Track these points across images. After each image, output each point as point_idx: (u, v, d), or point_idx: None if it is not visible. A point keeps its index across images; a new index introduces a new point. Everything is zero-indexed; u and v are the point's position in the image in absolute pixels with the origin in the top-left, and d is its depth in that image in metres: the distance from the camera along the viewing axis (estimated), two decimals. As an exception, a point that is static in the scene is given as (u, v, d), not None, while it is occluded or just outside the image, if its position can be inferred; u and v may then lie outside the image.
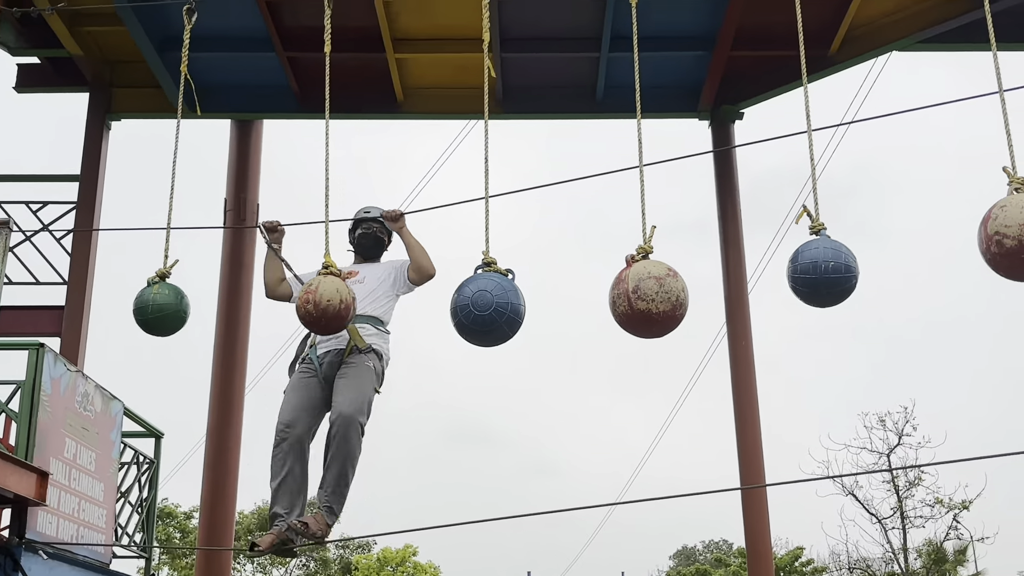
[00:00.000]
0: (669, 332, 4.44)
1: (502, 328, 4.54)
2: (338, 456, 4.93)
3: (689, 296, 4.36)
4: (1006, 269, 4.11)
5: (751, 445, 8.53)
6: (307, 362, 5.24)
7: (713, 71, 8.78)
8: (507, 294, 4.52)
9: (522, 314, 4.58)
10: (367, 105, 9.26)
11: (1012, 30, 8.46)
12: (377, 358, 5.23)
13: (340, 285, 4.58)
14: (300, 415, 5.10)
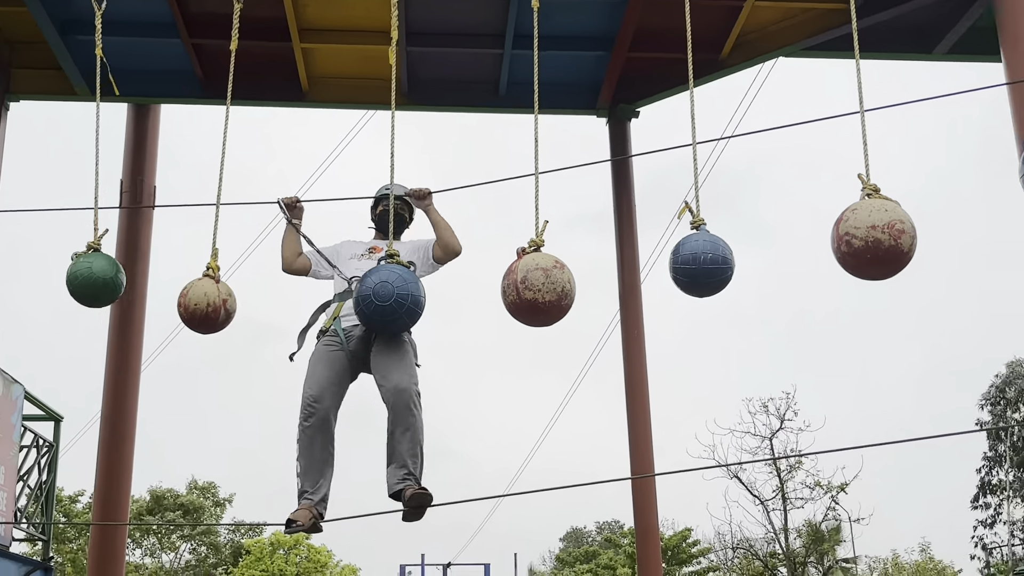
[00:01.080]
0: (556, 321, 4.67)
1: (402, 318, 4.73)
2: (409, 427, 4.83)
3: (576, 287, 4.59)
4: (853, 268, 4.48)
5: (641, 433, 8.92)
6: (332, 335, 5.11)
7: (611, 71, 9.11)
8: (408, 285, 4.69)
9: (422, 305, 4.77)
10: (272, 93, 9.35)
11: (895, 41, 9.01)
12: (407, 332, 5.10)
13: (210, 288, 4.71)
14: (328, 389, 4.98)
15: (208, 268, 5.01)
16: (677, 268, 4.79)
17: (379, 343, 4.99)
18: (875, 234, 4.43)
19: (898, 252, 4.46)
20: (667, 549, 38.00)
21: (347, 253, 5.38)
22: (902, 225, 4.47)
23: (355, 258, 5.32)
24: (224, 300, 4.76)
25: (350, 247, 5.43)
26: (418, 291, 4.72)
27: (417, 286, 4.73)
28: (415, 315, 4.74)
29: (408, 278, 4.72)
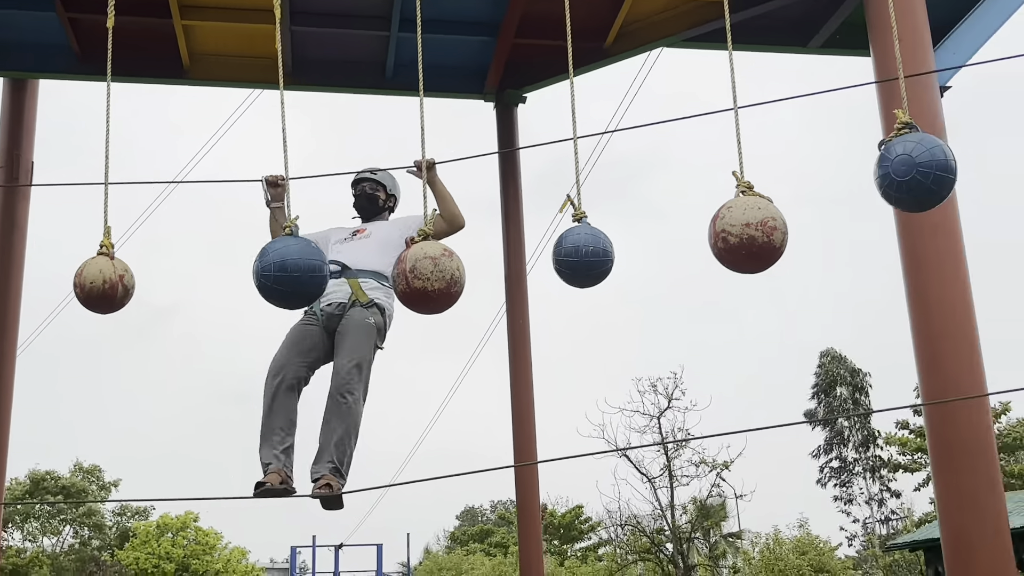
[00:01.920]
0: (446, 308, 4.74)
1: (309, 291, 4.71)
2: (340, 419, 4.84)
3: (466, 274, 4.67)
4: (729, 263, 4.67)
5: (525, 420, 9.07)
6: (311, 314, 5.16)
7: (498, 56, 9.18)
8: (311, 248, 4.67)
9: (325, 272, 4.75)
10: (152, 69, 9.15)
11: (773, 33, 9.28)
12: (379, 312, 5.15)
13: (104, 265, 4.63)
14: (292, 360, 5.00)
15: (101, 246, 4.92)
16: (560, 260, 4.91)
17: (345, 320, 5.06)
18: (749, 231, 4.60)
19: (771, 248, 4.66)
20: (560, 526, 38.62)
21: (333, 239, 5.40)
22: (774, 222, 4.65)
23: (339, 242, 5.35)
24: (121, 276, 4.68)
25: (336, 233, 5.45)
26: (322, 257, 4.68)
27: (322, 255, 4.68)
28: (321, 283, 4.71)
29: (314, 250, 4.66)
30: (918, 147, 4.64)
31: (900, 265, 7.26)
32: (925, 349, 6.99)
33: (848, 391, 33.16)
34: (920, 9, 7.41)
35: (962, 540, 6.55)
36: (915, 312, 7.11)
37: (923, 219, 6.77)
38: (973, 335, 6.97)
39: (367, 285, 5.19)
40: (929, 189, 4.59)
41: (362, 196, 5.52)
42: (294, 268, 4.52)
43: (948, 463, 6.68)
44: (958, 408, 6.67)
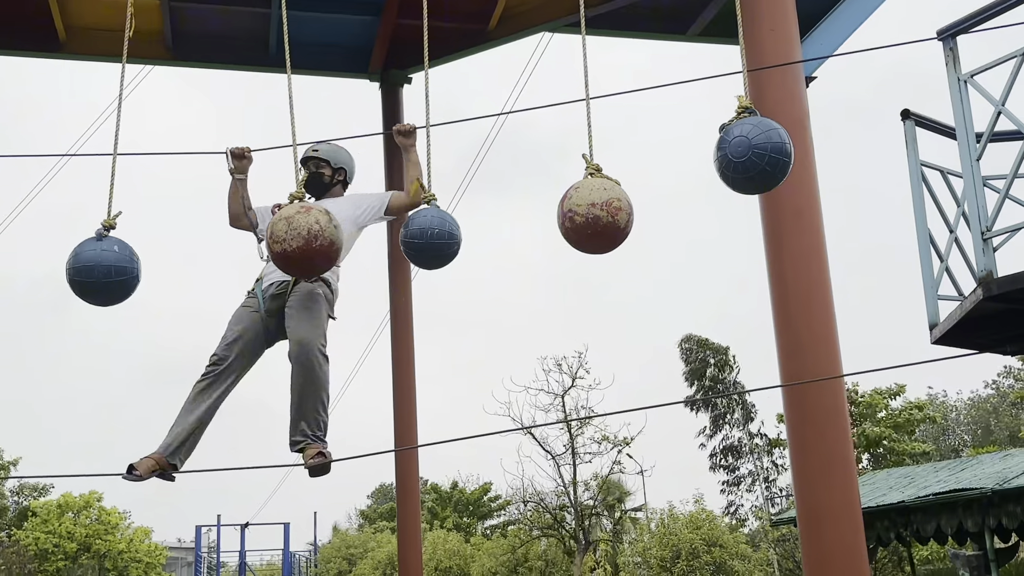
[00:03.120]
0: (314, 266, 4.66)
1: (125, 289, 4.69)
2: (308, 386, 4.74)
3: (331, 227, 4.53)
4: (575, 242, 4.79)
5: (406, 404, 9.17)
6: (252, 296, 5.01)
7: (382, 36, 9.18)
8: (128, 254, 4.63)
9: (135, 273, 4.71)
10: (26, 43, 8.96)
11: (653, 21, 9.44)
12: (326, 285, 4.99)
13: None
14: (232, 351, 4.87)
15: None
16: (406, 242, 4.96)
17: (292, 298, 4.90)
18: (595, 211, 4.72)
19: (615, 228, 4.79)
20: (469, 503, 38.86)
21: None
22: (619, 203, 4.79)
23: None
24: None
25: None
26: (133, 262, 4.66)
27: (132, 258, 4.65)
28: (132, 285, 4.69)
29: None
30: (754, 129, 4.81)
31: (763, 248, 7.49)
32: (784, 330, 7.22)
33: (714, 371, 33.94)
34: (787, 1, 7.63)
35: (815, 516, 6.80)
36: (776, 293, 7.34)
37: (785, 202, 6.98)
38: (830, 317, 7.22)
39: None
40: (764, 170, 4.77)
41: (309, 177, 5.31)
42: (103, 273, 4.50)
43: (803, 442, 6.92)
44: (813, 389, 6.92)
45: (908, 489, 15.30)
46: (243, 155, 5.19)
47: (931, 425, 35.09)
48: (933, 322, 5.63)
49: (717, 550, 21.11)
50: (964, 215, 5.51)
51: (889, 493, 15.48)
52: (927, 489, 14.46)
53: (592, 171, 4.95)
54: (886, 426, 25.85)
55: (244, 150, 5.19)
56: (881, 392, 27.27)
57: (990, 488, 12.56)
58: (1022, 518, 12.45)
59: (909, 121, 5.82)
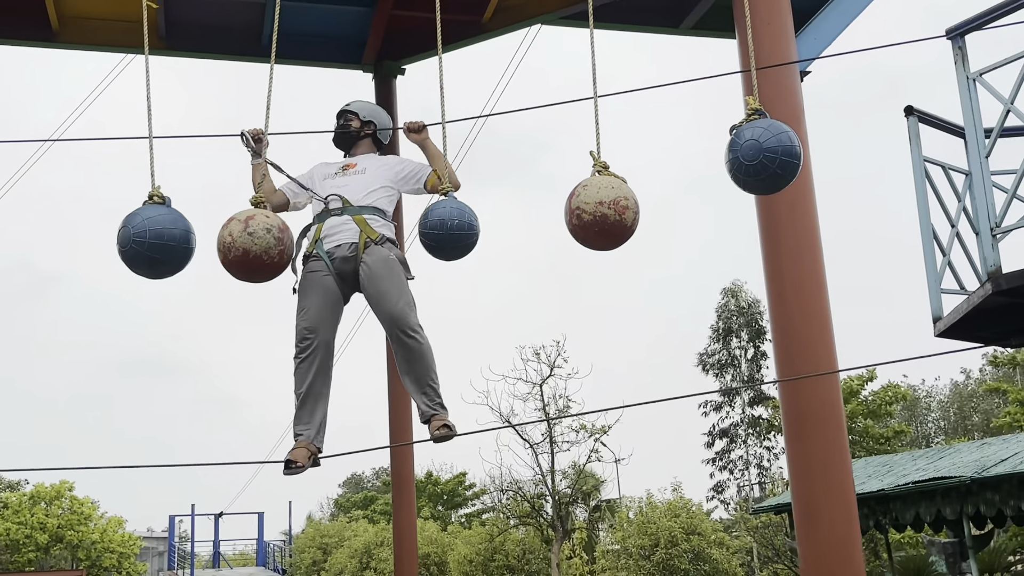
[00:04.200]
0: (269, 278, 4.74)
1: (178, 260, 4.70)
2: (416, 361, 4.75)
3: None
4: (582, 239, 4.86)
5: (400, 398, 9.18)
6: (315, 258, 4.89)
7: (376, 27, 9.19)
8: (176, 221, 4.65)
9: (193, 244, 4.74)
10: (19, 32, 8.90)
11: (645, 14, 9.50)
12: (394, 246, 4.97)
13: None
14: (321, 318, 4.80)
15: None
16: (425, 233, 4.99)
17: (366, 262, 4.85)
18: (602, 209, 4.80)
19: (622, 226, 4.87)
20: (444, 493, 38.95)
21: (320, 175, 5.15)
22: (626, 202, 4.86)
23: (329, 178, 5.11)
24: None
25: (322, 169, 5.20)
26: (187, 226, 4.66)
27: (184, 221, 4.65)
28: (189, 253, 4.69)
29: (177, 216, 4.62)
30: (765, 133, 4.89)
31: (759, 240, 7.59)
32: (780, 324, 7.33)
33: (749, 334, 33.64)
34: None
35: (811, 506, 6.92)
36: (771, 287, 7.45)
37: (781, 196, 7.09)
38: (825, 312, 7.33)
39: (375, 222, 4.99)
40: (775, 173, 4.86)
41: (337, 132, 5.29)
42: (169, 238, 4.52)
43: (799, 433, 7.04)
44: (810, 382, 7.02)
45: (887, 477, 15.51)
46: (260, 137, 5.07)
47: (906, 411, 35.47)
48: (937, 315, 5.73)
49: (696, 538, 21.30)
50: (966, 210, 5.61)
51: (868, 482, 15.68)
52: (906, 477, 14.67)
53: (599, 168, 5.01)
54: (860, 411, 26.13)
55: (259, 132, 5.06)
56: (855, 379, 27.58)
57: (969, 476, 12.77)
58: (999, 506, 12.67)
59: (912, 118, 5.90)
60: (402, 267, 4.94)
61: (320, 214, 4.99)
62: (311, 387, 4.76)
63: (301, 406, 4.77)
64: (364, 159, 5.23)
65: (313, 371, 4.77)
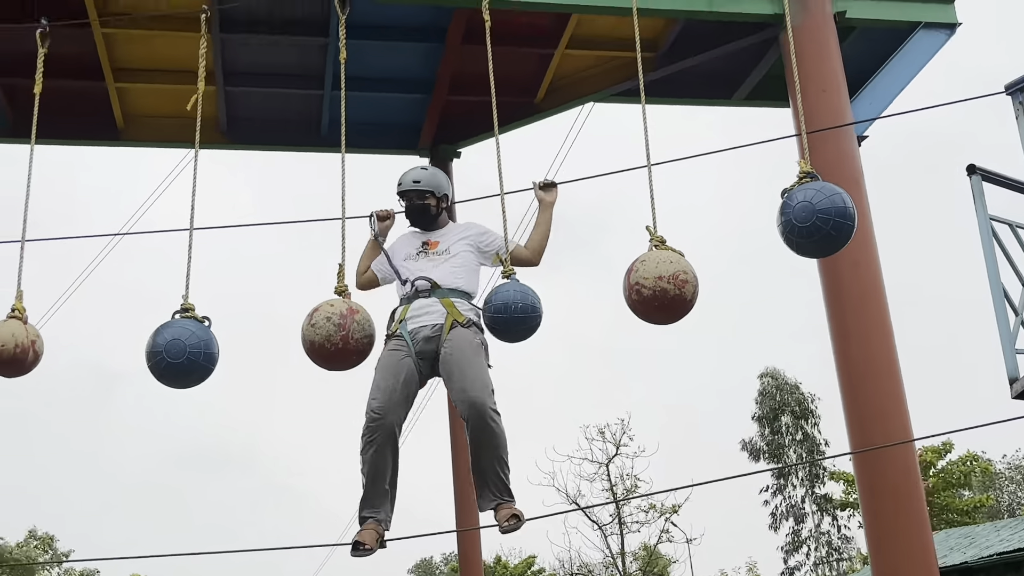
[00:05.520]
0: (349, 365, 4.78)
1: (195, 374, 4.78)
2: (488, 448, 4.69)
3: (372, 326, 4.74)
4: (642, 314, 4.82)
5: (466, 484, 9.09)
6: (397, 338, 4.88)
7: (431, 113, 9.34)
8: (201, 343, 4.74)
9: (215, 361, 4.83)
10: (87, 132, 9.20)
11: (698, 87, 9.54)
12: (480, 331, 4.92)
13: (17, 329, 4.69)
14: (392, 400, 4.75)
15: (14, 310, 4.97)
16: (490, 317, 5.01)
17: (449, 344, 4.82)
18: (662, 284, 4.79)
19: (682, 300, 4.85)
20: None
21: (401, 253, 5.16)
22: (685, 276, 4.84)
23: (411, 258, 5.11)
24: (32, 341, 4.75)
25: (404, 244, 5.20)
26: (211, 348, 4.75)
27: (211, 343, 4.76)
28: (208, 371, 4.79)
29: (202, 335, 4.73)
30: (818, 194, 4.84)
31: (823, 304, 7.46)
32: (849, 392, 7.16)
33: (792, 419, 33.00)
34: (835, 62, 7.69)
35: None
36: (839, 354, 7.30)
37: (844, 258, 6.96)
38: (896, 377, 7.15)
39: (461, 306, 4.98)
40: (828, 235, 4.79)
41: (413, 209, 5.21)
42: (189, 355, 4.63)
43: (876, 506, 6.83)
44: (884, 452, 6.82)
45: (970, 550, 14.99)
46: (389, 215, 5.24)
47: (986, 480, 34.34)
48: (1013, 376, 5.57)
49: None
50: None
51: (950, 554, 15.15)
52: (990, 549, 14.17)
53: (656, 243, 4.99)
54: (938, 485, 25.37)
55: (389, 212, 5.23)
56: (930, 450, 26.83)
57: (1057, 546, 12.30)
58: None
59: (976, 176, 5.81)
60: (484, 352, 4.91)
61: (408, 296, 5.00)
62: (378, 469, 4.70)
63: (368, 488, 4.71)
64: (444, 235, 5.22)
65: (380, 453, 4.71)
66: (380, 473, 4.70)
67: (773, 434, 32.95)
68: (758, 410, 33.31)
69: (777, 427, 32.83)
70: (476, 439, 4.73)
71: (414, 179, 5.26)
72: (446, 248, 5.14)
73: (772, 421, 33.04)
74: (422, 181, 5.25)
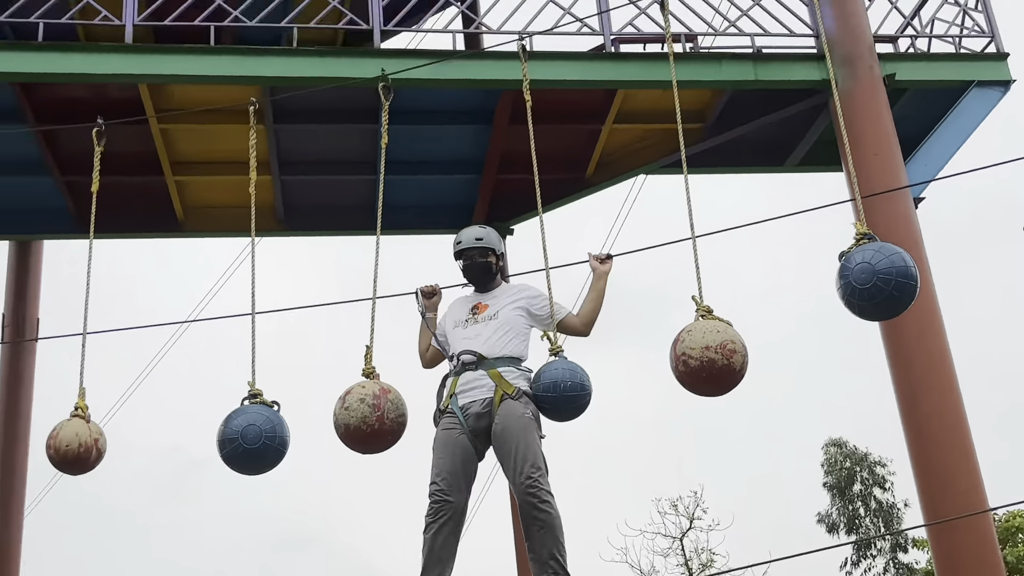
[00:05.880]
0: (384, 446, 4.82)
1: (269, 459, 4.84)
2: (543, 531, 4.62)
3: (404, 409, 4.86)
4: (690, 385, 4.74)
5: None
6: (450, 414, 4.86)
7: (483, 192, 9.42)
8: (273, 427, 4.80)
9: (287, 444, 4.89)
10: (148, 225, 9.43)
11: (749, 155, 9.49)
12: (530, 400, 4.87)
13: (81, 428, 4.78)
14: (454, 480, 4.72)
15: (76, 408, 5.07)
16: (539, 396, 4.97)
17: (500, 419, 4.77)
18: (709, 354, 4.72)
19: (730, 371, 4.76)
20: (590, 657, 37.53)
21: (451, 322, 5.17)
22: (733, 345, 4.75)
23: (460, 325, 5.10)
24: (96, 440, 4.86)
25: (456, 311, 5.22)
26: (284, 432, 4.84)
27: (283, 427, 4.84)
28: (282, 455, 4.86)
29: (275, 420, 4.81)
30: (877, 255, 4.74)
31: (888, 373, 7.28)
32: (920, 462, 6.96)
33: (864, 487, 32.02)
34: (886, 125, 7.62)
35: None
36: (907, 421, 7.11)
37: (908, 324, 6.80)
38: (968, 444, 6.93)
39: (509, 374, 4.92)
40: (891, 295, 4.67)
41: (473, 267, 5.25)
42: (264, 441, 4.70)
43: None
44: (960, 523, 6.59)
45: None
46: (435, 291, 5.30)
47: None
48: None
49: None
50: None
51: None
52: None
53: (703, 313, 4.93)
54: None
55: (434, 287, 5.29)
56: (1014, 515, 25.80)
57: None
58: None
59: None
60: (536, 425, 4.86)
61: (456, 369, 4.99)
62: (438, 551, 4.67)
63: (425, 570, 4.66)
64: (494, 297, 5.23)
65: (442, 535, 4.68)
66: (439, 555, 4.66)
67: (846, 504, 32.04)
68: (828, 479, 32.46)
69: (850, 495, 31.93)
70: (529, 522, 4.68)
71: (476, 236, 5.32)
72: (494, 312, 5.13)
73: (844, 490, 32.15)
74: (484, 239, 5.31)
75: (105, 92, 7.95)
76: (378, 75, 6.81)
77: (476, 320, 5.10)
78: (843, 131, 6.53)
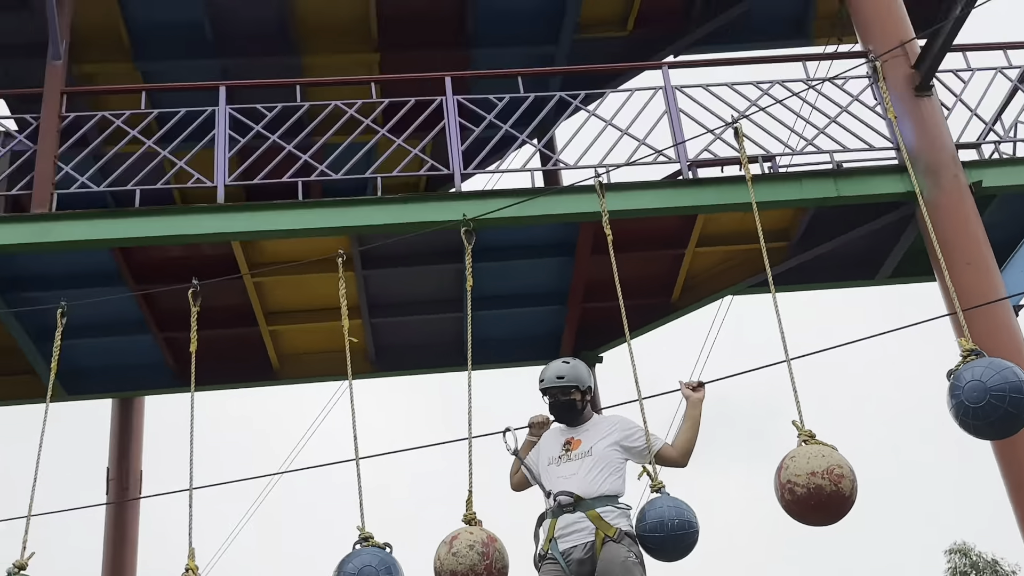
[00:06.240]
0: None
1: None
2: None
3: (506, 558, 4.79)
4: (798, 515, 4.55)
5: None
6: (551, 560, 4.77)
7: (570, 322, 9.43)
8: (390, 569, 4.79)
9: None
10: (244, 375, 9.63)
11: (839, 270, 9.36)
12: (632, 541, 4.77)
13: None
14: None
15: (187, 570, 5.10)
16: (644, 536, 4.85)
17: (603, 566, 4.67)
18: (816, 480, 4.54)
19: (840, 496, 4.57)
20: None
21: (546, 457, 5.11)
22: (841, 470, 4.58)
23: (554, 463, 5.03)
24: None
25: (550, 445, 5.16)
26: (398, 572, 4.83)
27: (397, 569, 4.82)
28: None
29: (389, 561, 4.79)
30: (987, 371, 4.56)
31: (1008, 499, 6.94)
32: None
33: None
34: (977, 232, 7.45)
35: None
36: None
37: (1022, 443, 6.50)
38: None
39: (609, 515, 4.83)
40: (1007, 412, 4.47)
41: (557, 405, 5.20)
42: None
43: None
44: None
45: None
46: (545, 423, 5.30)
47: None
48: None
49: None
50: None
51: None
52: None
53: (805, 438, 4.77)
54: None
55: (546, 418, 5.28)
56: None
57: None
58: None
59: None
60: (640, 567, 4.74)
61: (552, 510, 4.89)
62: None
63: None
64: (587, 432, 5.13)
65: None
66: None
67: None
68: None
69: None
70: None
71: (557, 375, 5.26)
72: (588, 448, 5.03)
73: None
74: (566, 377, 5.24)
75: (199, 249, 8.22)
76: (459, 219, 6.92)
77: (570, 457, 5.02)
78: (934, 242, 6.42)
